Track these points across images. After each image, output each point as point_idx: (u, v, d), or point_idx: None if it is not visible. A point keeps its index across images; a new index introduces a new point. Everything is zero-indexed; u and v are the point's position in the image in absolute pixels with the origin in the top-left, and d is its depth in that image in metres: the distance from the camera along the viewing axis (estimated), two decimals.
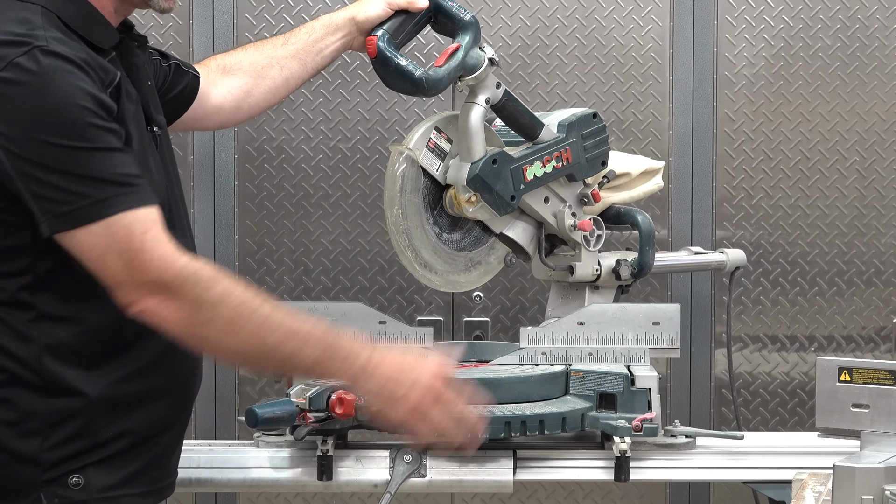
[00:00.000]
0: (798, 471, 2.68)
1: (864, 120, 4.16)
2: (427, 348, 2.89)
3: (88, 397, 2.21)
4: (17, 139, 2.08)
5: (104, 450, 2.24)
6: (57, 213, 2.10)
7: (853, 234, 4.17)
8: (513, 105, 2.85)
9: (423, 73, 2.66)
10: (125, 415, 2.26)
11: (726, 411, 4.15)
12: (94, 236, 2.11)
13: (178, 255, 2.16)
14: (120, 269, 2.12)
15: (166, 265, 2.14)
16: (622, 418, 2.73)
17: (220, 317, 2.17)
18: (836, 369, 2.67)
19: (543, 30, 4.14)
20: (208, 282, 2.17)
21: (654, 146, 4.14)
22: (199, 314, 2.16)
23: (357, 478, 2.76)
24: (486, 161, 2.78)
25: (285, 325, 2.20)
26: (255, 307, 2.19)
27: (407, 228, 2.79)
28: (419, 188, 2.81)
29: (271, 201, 4.15)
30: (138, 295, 2.14)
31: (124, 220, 2.12)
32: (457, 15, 2.76)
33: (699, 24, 4.13)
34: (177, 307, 2.14)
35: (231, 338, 2.19)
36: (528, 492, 4.14)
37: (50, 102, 2.09)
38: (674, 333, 2.90)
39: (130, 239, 2.12)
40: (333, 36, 2.83)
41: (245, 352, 2.21)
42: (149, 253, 2.13)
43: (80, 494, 2.21)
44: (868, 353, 4.16)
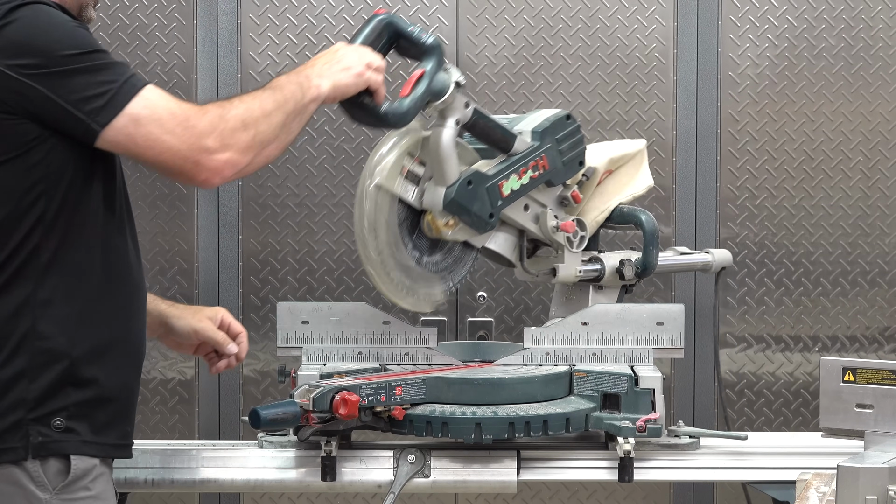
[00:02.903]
0: (802, 471, 2.68)
1: (867, 120, 4.15)
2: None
3: (71, 342, 2.34)
4: (42, 62, 2.25)
5: (82, 394, 2.35)
6: (98, 107, 2.26)
7: (857, 234, 4.17)
8: (483, 122, 2.79)
9: (387, 108, 2.59)
10: (96, 363, 2.37)
11: (730, 411, 4.15)
12: (143, 124, 2.28)
13: (206, 109, 2.34)
14: (177, 144, 2.30)
15: (210, 119, 2.33)
16: (626, 419, 2.73)
17: (259, 131, 2.38)
18: (840, 369, 2.66)
19: (547, 30, 4.14)
20: (231, 118, 2.35)
21: (657, 146, 4.14)
22: (249, 143, 2.36)
23: (361, 478, 2.76)
24: (461, 184, 2.73)
25: (272, 95, 2.43)
26: (260, 109, 2.39)
27: (384, 261, 2.74)
28: (395, 217, 2.75)
29: (275, 201, 4.15)
30: (203, 158, 2.31)
31: (156, 96, 2.31)
32: (418, 39, 2.69)
33: (703, 24, 4.13)
34: (233, 150, 2.34)
35: (269, 142, 2.41)
36: (532, 492, 4.14)
37: (56, 23, 2.29)
38: (678, 334, 2.90)
39: (173, 114, 2.30)
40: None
41: (277, 135, 2.43)
42: (193, 118, 2.31)
43: (62, 436, 2.33)
44: (872, 353, 4.16)
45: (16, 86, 2.25)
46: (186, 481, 2.79)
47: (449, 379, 2.77)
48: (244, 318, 4.15)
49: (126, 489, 2.77)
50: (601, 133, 4.15)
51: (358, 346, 2.90)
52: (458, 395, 2.75)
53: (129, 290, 2.46)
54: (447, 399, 2.75)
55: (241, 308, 4.15)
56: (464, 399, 2.74)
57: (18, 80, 2.25)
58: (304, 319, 2.91)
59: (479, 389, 2.75)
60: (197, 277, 4.15)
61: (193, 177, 2.33)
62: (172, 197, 4.13)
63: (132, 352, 2.47)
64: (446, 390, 2.75)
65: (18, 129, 2.27)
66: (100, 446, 2.38)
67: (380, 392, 2.67)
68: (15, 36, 2.26)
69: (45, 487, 2.31)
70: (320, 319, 2.91)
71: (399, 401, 2.70)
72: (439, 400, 2.75)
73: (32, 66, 2.25)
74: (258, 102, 2.39)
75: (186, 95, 4.10)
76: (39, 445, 2.31)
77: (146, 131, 2.28)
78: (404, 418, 2.70)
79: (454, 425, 2.67)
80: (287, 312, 2.92)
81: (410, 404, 2.72)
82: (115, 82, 2.28)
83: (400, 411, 2.69)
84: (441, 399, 2.75)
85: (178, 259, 4.15)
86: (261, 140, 2.37)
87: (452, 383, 2.76)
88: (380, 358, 2.90)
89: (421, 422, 2.70)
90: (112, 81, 2.27)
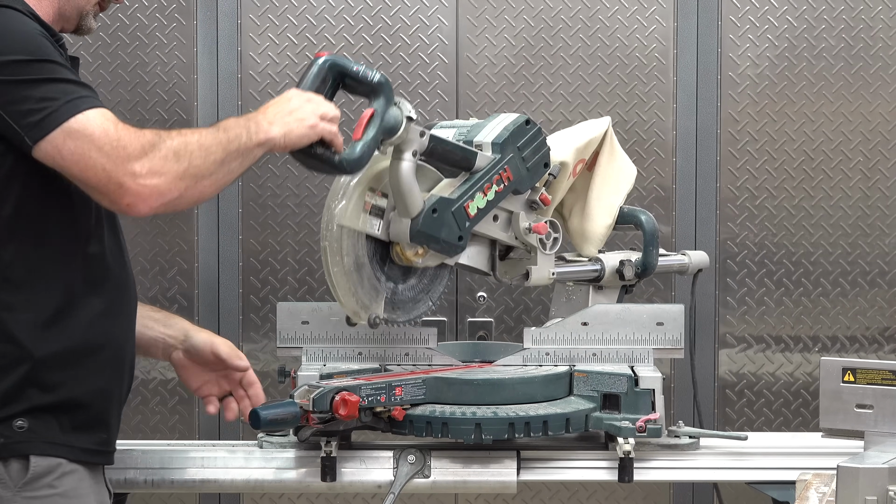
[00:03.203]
0: (802, 471, 2.68)
1: (867, 120, 4.15)
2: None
3: (34, 346, 2.32)
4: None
5: (47, 397, 2.34)
6: (35, 121, 2.23)
7: (857, 234, 4.17)
8: (441, 147, 2.74)
9: (341, 157, 2.53)
10: (65, 368, 2.35)
11: (730, 412, 4.15)
12: (73, 138, 2.24)
13: (142, 134, 2.30)
14: (104, 162, 2.25)
15: (143, 144, 2.28)
16: (626, 419, 2.73)
17: (192, 165, 2.32)
18: (839, 370, 2.66)
19: (547, 30, 4.14)
20: (164, 146, 2.30)
21: (657, 147, 4.14)
22: (181, 175, 2.31)
23: (361, 478, 2.76)
24: (426, 214, 2.70)
25: (214, 134, 2.38)
26: (197, 143, 2.34)
27: (359, 299, 2.72)
28: (364, 254, 2.73)
29: (275, 201, 4.15)
30: (128, 180, 2.26)
31: (96, 116, 2.26)
32: (365, 78, 2.61)
33: (703, 24, 4.13)
34: (161, 178, 2.28)
35: (203, 176, 2.35)
36: (532, 492, 4.14)
37: (14, 28, 2.28)
38: (677, 334, 2.90)
39: (106, 133, 2.25)
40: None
41: (213, 171, 2.37)
42: (125, 140, 2.26)
43: (24, 436, 2.32)
44: (872, 353, 4.16)
45: None
46: (186, 481, 2.79)
47: (449, 379, 2.77)
48: (244, 318, 4.15)
49: (126, 489, 2.77)
50: None
51: (358, 347, 2.90)
52: (458, 395, 2.75)
53: (109, 295, 2.43)
54: (447, 399, 2.75)
55: (241, 308, 4.15)
56: (464, 399, 2.74)
57: None
58: (304, 320, 2.91)
59: (478, 390, 2.75)
60: (197, 277, 4.15)
61: (117, 199, 2.28)
62: None
63: (111, 357, 2.44)
64: (446, 391, 2.75)
65: None
66: (69, 448, 2.36)
67: (380, 392, 2.67)
68: None
69: (7, 486, 2.31)
70: (320, 320, 2.91)
71: (399, 401, 2.70)
72: (439, 400, 2.75)
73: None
74: (196, 137, 2.34)
75: (186, 96, 4.11)
76: (1, 446, 2.31)
77: (74, 146, 2.24)
78: (404, 419, 2.70)
79: (454, 426, 2.67)
80: (287, 313, 2.92)
81: (410, 405, 2.72)
82: (58, 100, 2.25)
83: (400, 412, 2.69)
84: (441, 399, 2.75)
85: (178, 259, 4.15)
86: (193, 174, 2.31)
87: (452, 384, 2.76)
88: (380, 358, 2.90)
89: (421, 422, 2.70)
90: (54, 99, 2.24)
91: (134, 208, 2.29)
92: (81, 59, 4.11)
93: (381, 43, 4.14)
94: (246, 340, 4.15)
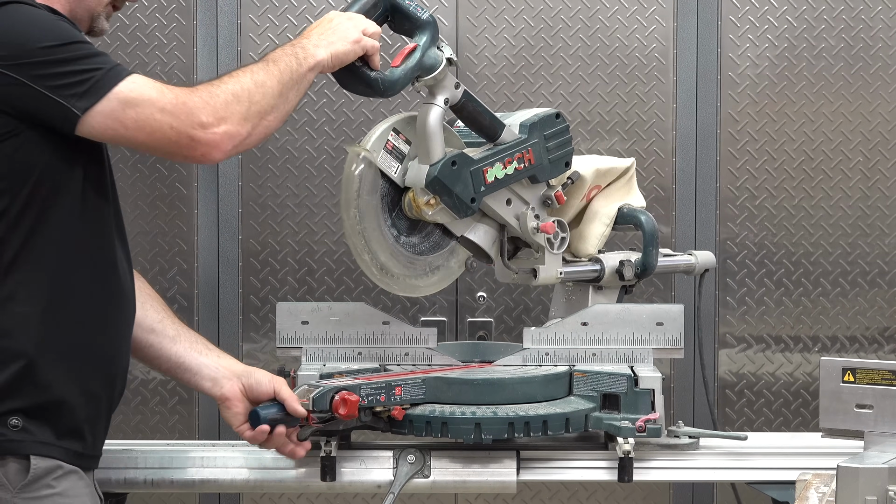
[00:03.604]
0: (802, 471, 2.68)
1: (867, 120, 4.16)
2: None
3: (31, 341, 2.31)
4: (19, 53, 2.24)
5: (42, 396, 2.32)
6: (80, 92, 2.24)
7: (857, 234, 4.17)
8: (472, 105, 2.78)
9: (377, 75, 2.60)
10: (58, 366, 2.34)
11: (730, 412, 4.15)
12: (133, 105, 2.27)
13: (194, 87, 2.34)
14: (171, 121, 2.29)
15: (201, 95, 2.31)
16: (626, 419, 2.73)
17: (253, 103, 2.37)
18: (839, 370, 2.66)
19: (547, 30, 4.14)
20: (222, 92, 2.34)
21: (657, 147, 4.14)
22: (245, 114, 2.36)
23: (360, 478, 2.76)
24: (445, 163, 2.71)
25: (265, 66, 2.43)
26: (252, 81, 2.39)
27: (363, 230, 2.72)
28: (377, 189, 2.73)
29: (275, 202, 4.15)
30: (198, 133, 2.30)
31: (143, 80, 2.29)
32: (414, 14, 2.68)
33: (703, 24, 4.13)
34: (228, 123, 2.33)
35: (266, 112, 2.41)
36: (532, 492, 4.14)
37: (35, 18, 2.29)
38: (677, 334, 2.90)
39: (162, 93, 2.29)
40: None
41: (274, 104, 2.43)
42: (182, 95, 2.30)
43: (19, 435, 2.30)
44: (872, 353, 4.16)
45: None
46: (186, 481, 2.78)
47: (448, 379, 2.77)
48: (244, 318, 4.15)
49: (126, 489, 2.77)
50: (601, 133, 4.15)
51: (358, 347, 2.90)
52: (457, 395, 2.75)
53: (109, 298, 2.42)
54: (447, 399, 2.75)
55: (241, 308, 4.15)
56: (463, 399, 2.74)
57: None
58: (304, 320, 2.91)
59: (478, 389, 2.75)
60: (197, 278, 4.15)
61: (190, 153, 2.32)
62: (172, 197, 4.14)
63: (103, 362, 2.42)
64: (446, 390, 2.75)
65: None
66: (64, 450, 2.35)
67: (379, 392, 2.67)
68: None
69: (6, 487, 2.29)
70: (320, 320, 2.91)
71: (399, 401, 2.70)
72: (439, 400, 2.75)
73: (9, 57, 2.23)
74: (249, 75, 2.38)
75: None
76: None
77: (136, 112, 2.27)
78: (404, 418, 2.69)
79: (454, 425, 2.67)
80: (287, 313, 2.92)
81: (410, 404, 2.72)
82: (100, 69, 2.26)
83: (399, 411, 2.69)
84: (441, 399, 2.75)
85: (178, 259, 4.15)
86: (257, 111, 2.37)
87: (452, 383, 2.76)
88: (379, 358, 2.90)
89: (420, 422, 2.70)
90: (95, 69, 2.26)
91: (208, 156, 2.33)
92: None
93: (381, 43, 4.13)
94: (246, 340, 4.15)
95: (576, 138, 4.14)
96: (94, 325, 2.39)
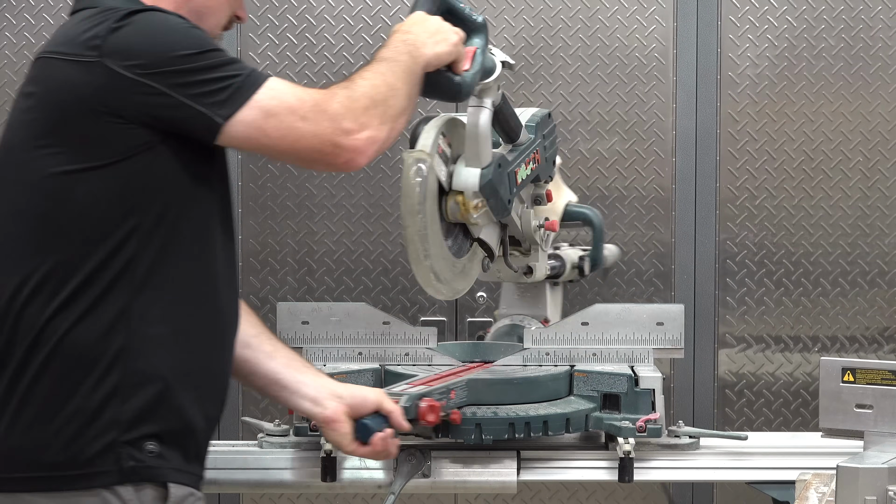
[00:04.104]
0: (802, 471, 2.68)
1: (867, 120, 4.16)
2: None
3: (164, 364, 2.23)
4: (159, 61, 2.18)
5: (175, 420, 2.25)
6: (221, 100, 2.20)
7: (857, 234, 4.17)
8: (507, 108, 2.77)
9: (460, 79, 2.54)
10: (188, 389, 2.26)
11: (730, 412, 4.15)
12: (274, 115, 2.22)
13: (330, 91, 2.29)
14: (313, 129, 2.24)
15: (341, 101, 2.27)
16: (626, 419, 2.73)
17: (388, 106, 2.34)
18: (839, 370, 2.66)
19: (547, 30, 4.14)
20: (358, 96, 2.30)
21: (657, 147, 4.14)
22: (382, 118, 2.32)
23: (361, 478, 2.75)
24: (494, 166, 2.69)
25: (389, 67, 2.39)
26: (383, 83, 2.35)
27: (427, 236, 2.62)
28: (435, 195, 2.66)
29: (275, 202, 4.15)
30: (342, 139, 2.26)
31: (281, 85, 2.25)
32: (469, 17, 2.65)
33: (703, 24, 4.13)
34: (369, 128, 2.29)
35: (400, 114, 2.37)
36: (532, 492, 4.15)
37: (171, 25, 2.24)
38: (677, 334, 2.90)
39: (302, 100, 2.24)
40: None
41: (405, 105, 2.39)
42: (321, 101, 2.25)
43: (156, 461, 2.22)
44: (872, 353, 4.16)
45: (131, 86, 2.17)
46: None
47: (489, 380, 2.76)
48: None
49: None
50: (601, 133, 4.15)
51: (358, 347, 2.90)
52: (499, 395, 2.74)
53: (228, 318, 2.36)
54: (488, 400, 2.72)
55: None
56: (506, 399, 2.73)
57: (134, 80, 2.17)
58: (304, 320, 2.91)
59: (519, 389, 2.75)
60: None
61: (333, 161, 2.26)
62: None
63: (220, 384, 2.35)
64: (486, 391, 2.74)
65: (126, 135, 2.18)
66: (193, 476, 2.28)
67: (444, 397, 2.64)
68: (130, 38, 2.19)
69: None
70: (320, 320, 2.90)
71: (455, 404, 2.67)
72: (480, 401, 2.72)
73: (149, 66, 2.17)
74: (380, 77, 2.33)
75: None
76: (131, 470, 2.20)
77: (278, 121, 2.22)
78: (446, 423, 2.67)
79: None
80: (287, 313, 2.92)
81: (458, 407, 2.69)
82: (239, 76, 2.21)
83: (458, 415, 2.64)
84: (482, 400, 2.72)
85: None
86: (392, 114, 2.32)
87: (493, 384, 2.75)
88: (379, 358, 2.90)
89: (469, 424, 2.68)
90: (234, 76, 2.21)
91: (353, 163, 2.29)
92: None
93: (381, 43, 4.14)
94: None
95: (576, 138, 4.16)
96: (215, 344, 2.33)
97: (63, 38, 2.26)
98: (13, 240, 2.24)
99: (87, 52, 2.19)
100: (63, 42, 2.25)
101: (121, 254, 2.20)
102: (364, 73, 2.35)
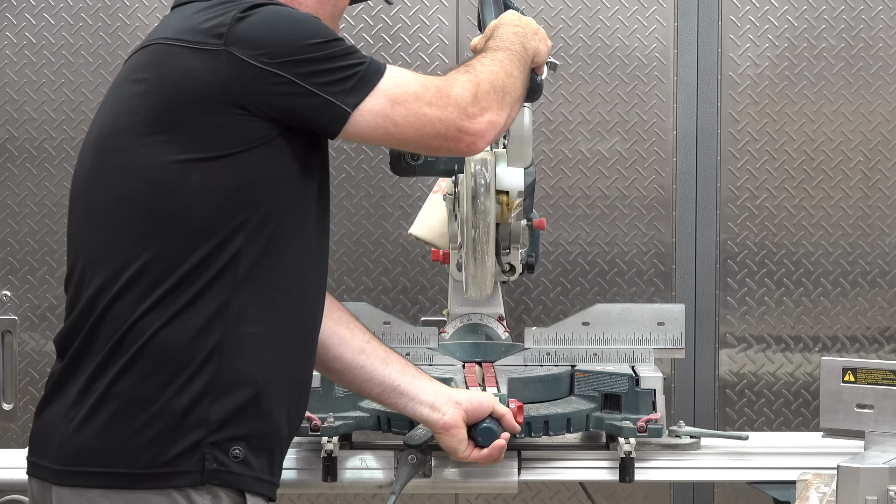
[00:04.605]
0: (802, 471, 2.68)
1: (868, 120, 4.16)
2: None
3: (258, 365, 2.19)
4: (285, 51, 2.16)
5: (264, 425, 2.20)
6: (348, 88, 2.18)
7: (857, 234, 4.17)
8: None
9: (540, 80, 2.52)
10: (280, 393, 2.23)
11: (730, 412, 4.15)
12: (400, 102, 2.21)
13: (449, 76, 2.28)
14: (439, 114, 2.23)
15: (463, 85, 2.26)
16: (627, 419, 2.73)
17: (506, 92, 2.33)
18: (840, 370, 2.67)
19: (548, 30, 4.10)
20: (480, 81, 2.29)
21: (658, 147, 4.14)
22: (501, 103, 2.30)
23: (362, 478, 2.75)
24: (533, 166, 2.71)
25: (506, 55, 2.38)
26: (501, 69, 2.34)
27: (489, 239, 2.65)
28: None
29: None
30: (466, 124, 2.25)
31: (403, 73, 2.24)
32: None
33: (703, 24, 4.14)
34: (491, 111, 2.28)
35: (515, 100, 2.37)
36: (533, 492, 4.14)
37: (295, 15, 2.22)
38: (678, 334, 2.90)
39: (424, 86, 2.23)
40: None
41: (521, 93, 2.40)
42: (443, 87, 2.24)
43: (238, 468, 2.17)
44: (872, 353, 4.17)
45: (257, 75, 2.14)
46: None
47: (524, 379, 2.76)
48: None
49: None
50: (601, 133, 4.15)
51: None
52: (533, 393, 2.74)
53: (316, 318, 2.33)
54: (524, 398, 2.71)
55: None
56: (539, 397, 2.74)
57: (261, 69, 2.14)
58: None
59: (549, 386, 2.75)
60: None
61: (455, 145, 2.26)
62: None
63: (304, 390, 2.32)
64: (522, 389, 2.74)
65: (246, 127, 2.15)
66: (272, 486, 2.23)
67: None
68: (256, 28, 2.16)
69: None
70: None
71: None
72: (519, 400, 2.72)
73: (275, 55, 2.14)
74: (498, 64, 2.32)
75: None
76: (212, 472, 2.14)
77: (405, 108, 2.21)
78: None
79: None
80: None
81: None
82: (363, 63, 2.19)
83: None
84: (519, 399, 2.71)
85: None
86: (510, 101, 2.31)
87: (528, 382, 2.76)
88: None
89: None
90: (359, 63, 2.19)
91: (474, 147, 2.27)
92: (83, 61, 4.12)
93: (382, 43, 4.15)
94: None
95: (576, 138, 4.16)
96: (304, 347, 2.30)
97: (181, 27, 2.21)
98: (111, 228, 2.18)
99: (211, 41, 2.15)
100: (182, 30, 2.20)
101: (226, 249, 2.15)
102: (482, 58, 2.34)
